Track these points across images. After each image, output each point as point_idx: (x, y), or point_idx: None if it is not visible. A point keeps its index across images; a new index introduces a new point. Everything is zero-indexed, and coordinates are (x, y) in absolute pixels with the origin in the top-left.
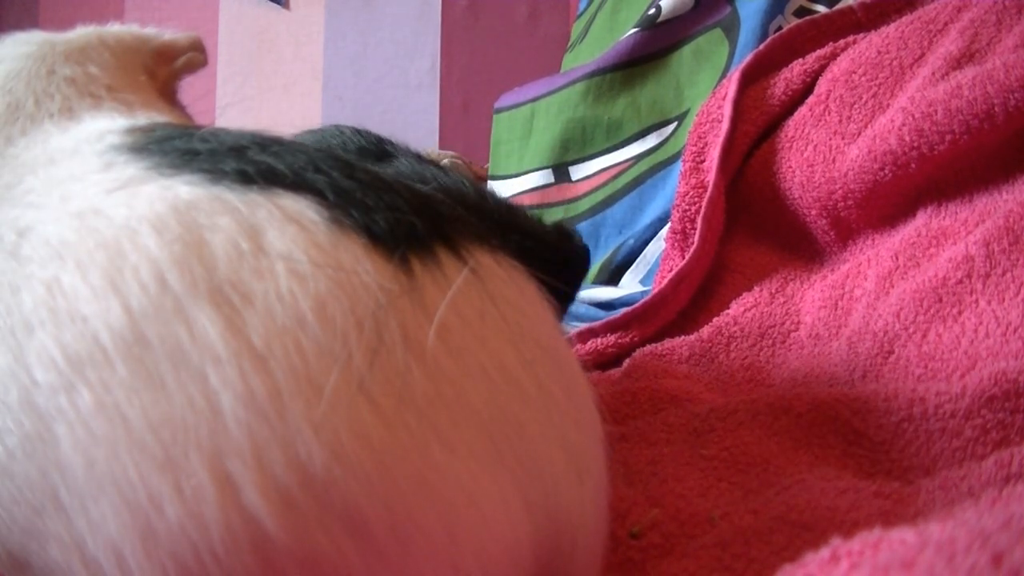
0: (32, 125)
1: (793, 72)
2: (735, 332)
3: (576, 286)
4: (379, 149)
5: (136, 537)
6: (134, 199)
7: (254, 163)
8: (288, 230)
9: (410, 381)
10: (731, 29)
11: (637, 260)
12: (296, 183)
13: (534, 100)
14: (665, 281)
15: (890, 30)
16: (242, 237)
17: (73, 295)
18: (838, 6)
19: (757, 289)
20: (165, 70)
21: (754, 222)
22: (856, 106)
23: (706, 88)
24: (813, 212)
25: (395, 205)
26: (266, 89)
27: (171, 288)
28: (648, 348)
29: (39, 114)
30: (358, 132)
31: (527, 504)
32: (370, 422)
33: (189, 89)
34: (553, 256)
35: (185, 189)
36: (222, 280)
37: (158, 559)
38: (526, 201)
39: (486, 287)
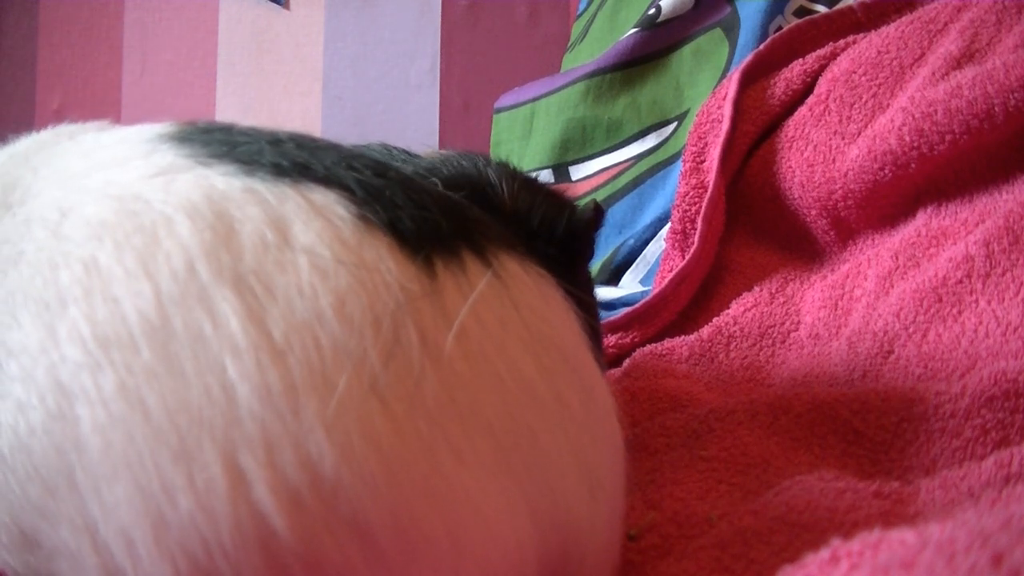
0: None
1: (793, 72)
2: (735, 332)
3: (586, 254)
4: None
5: (148, 525)
6: (172, 185)
7: (289, 156)
8: (314, 224)
9: (424, 385)
10: (731, 29)
11: (637, 260)
12: (327, 178)
13: (534, 100)
14: (665, 281)
15: (890, 30)
16: (269, 229)
17: (108, 275)
18: (838, 6)
19: (757, 289)
20: None
21: (754, 222)
22: (856, 106)
23: (706, 88)
24: (813, 212)
25: (424, 204)
26: (266, 89)
27: (199, 276)
28: (648, 348)
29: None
30: (405, 151)
31: (534, 516)
32: (380, 425)
33: (189, 89)
34: (551, 231)
35: (220, 179)
36: (247, 271)
37: (168, 548)
38: None
39: (510, 293)
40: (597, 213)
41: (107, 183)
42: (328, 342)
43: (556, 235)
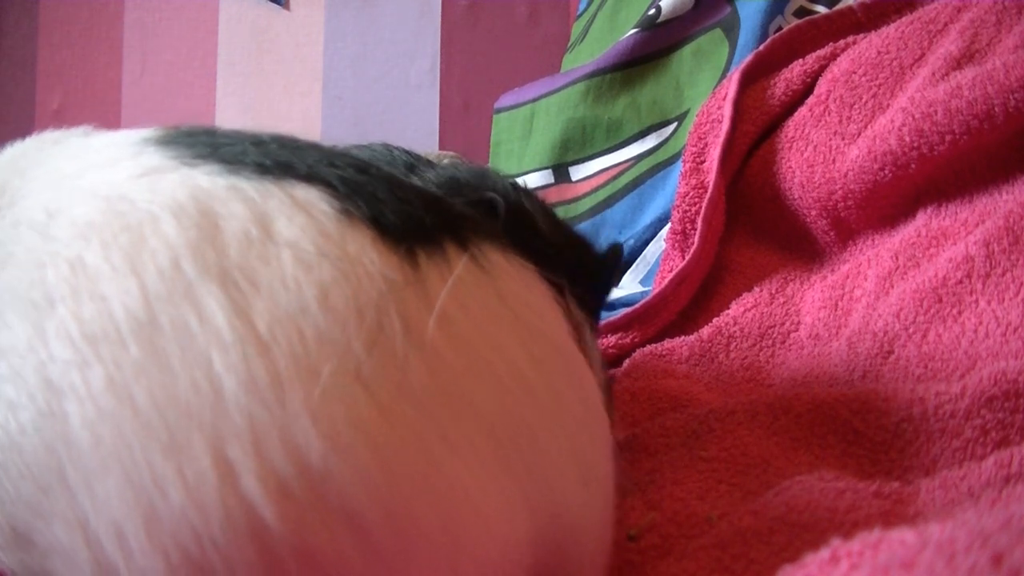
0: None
1: (793, 72)
2: (735, 332)
3: (604, 294)
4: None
5: (139, 518)
6: (158, 185)
7: (272, 156)
8: (297, 219)
9: (409, 372)
10: (731, 29)
11: (637, 260)
12: (310, 175)
13: (534, 100)
14: (665, 282)
15: (890, 30)
16: (253, 224)
17: (95, 274)
18: (838, 6)
19: (757, 289)
20: None
21: (754, 222)
22: (856, 106)
23: (706, 88)
24: (813, 212)
25: (406, 199)
26: (266, 89)
27: (184, 272)
28: (648, 348)
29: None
30: (406, 151)
31: (529, 507)
32: (367, 412)
33: (189, 89)
34: (577, 269)
35: (205, 178)
36: (231, 266)
37: (160, 542)
38: None
39: (495, 283)
40: (617, 254)
41: (94, 184)
42: (312, 333)
43: (589, 273)
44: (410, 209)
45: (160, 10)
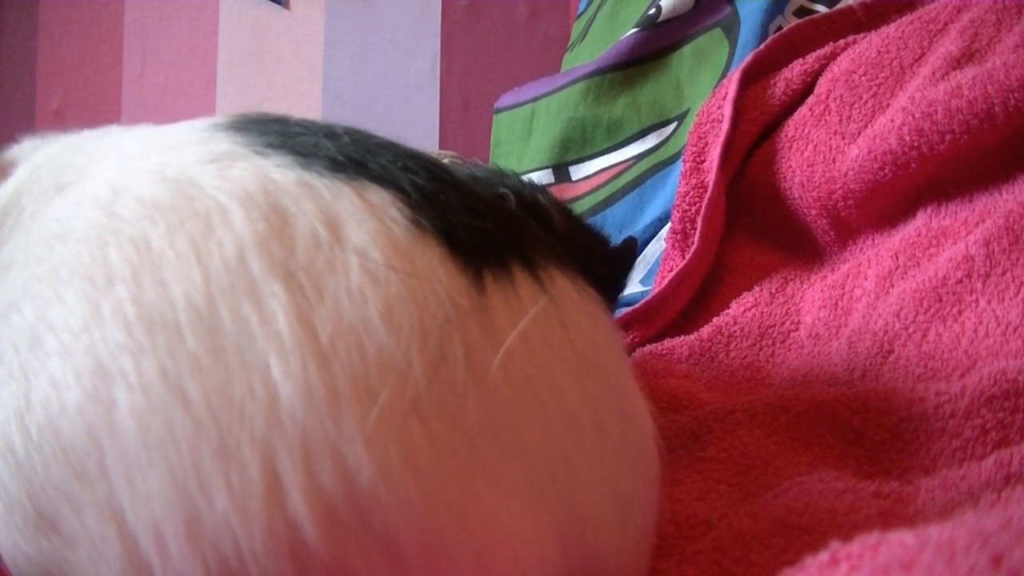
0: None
1: (793, 72)
2: (735, 332)
3: (618, 287)
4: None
5: (181, 520)
6: (228, 172)
7: (345, 151)
8: (367, 225)
9: (466, 407)
10: (731, 29)
11: (637, 260)
12: (383, 177)
13: (534, 100)
14: (665, 281)
15: (890, 30)
16: (322, 225)
17: (159, 258)
18: (838, 6)
19: (757, 289)
20: None
21: (754, 222)
22: (856, 106)
23: (706, 88)
24: (813, 212)
25: (478, 213)
26: (266, 89)
27: (250, 268)
28: (648, 348)
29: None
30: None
31: (563, 547)
32: (420, 444)
33: (189, 89)
34: (592, 263)
35: (276, 170)
36: (297, 267)
37: (199, 548)
38: None
39: (559, 312)
40: (631, 248)
41: (162, 165)
42: (374, 351)
43: (601, 263)
44: (480, 224)
45: (160, 10)
